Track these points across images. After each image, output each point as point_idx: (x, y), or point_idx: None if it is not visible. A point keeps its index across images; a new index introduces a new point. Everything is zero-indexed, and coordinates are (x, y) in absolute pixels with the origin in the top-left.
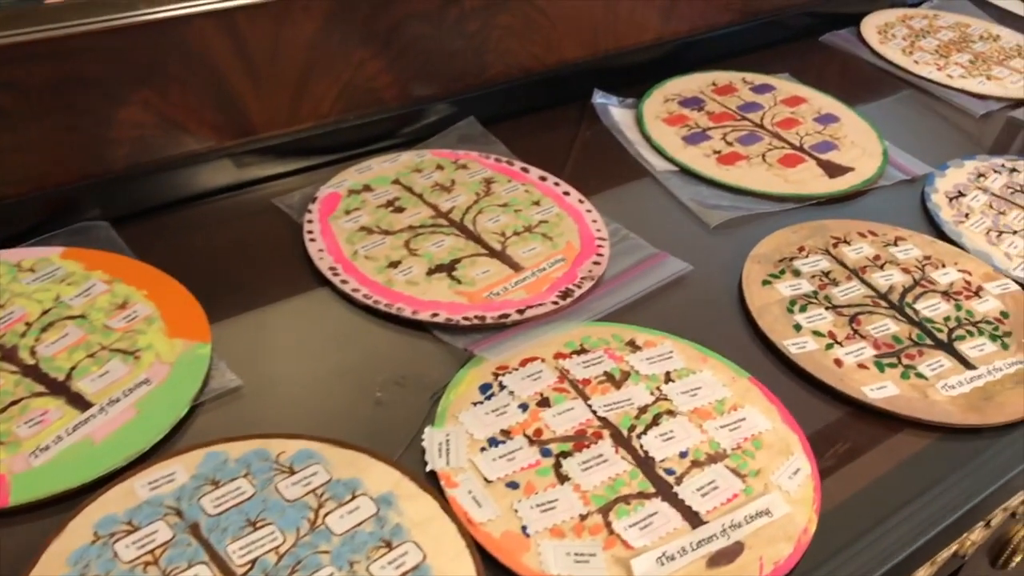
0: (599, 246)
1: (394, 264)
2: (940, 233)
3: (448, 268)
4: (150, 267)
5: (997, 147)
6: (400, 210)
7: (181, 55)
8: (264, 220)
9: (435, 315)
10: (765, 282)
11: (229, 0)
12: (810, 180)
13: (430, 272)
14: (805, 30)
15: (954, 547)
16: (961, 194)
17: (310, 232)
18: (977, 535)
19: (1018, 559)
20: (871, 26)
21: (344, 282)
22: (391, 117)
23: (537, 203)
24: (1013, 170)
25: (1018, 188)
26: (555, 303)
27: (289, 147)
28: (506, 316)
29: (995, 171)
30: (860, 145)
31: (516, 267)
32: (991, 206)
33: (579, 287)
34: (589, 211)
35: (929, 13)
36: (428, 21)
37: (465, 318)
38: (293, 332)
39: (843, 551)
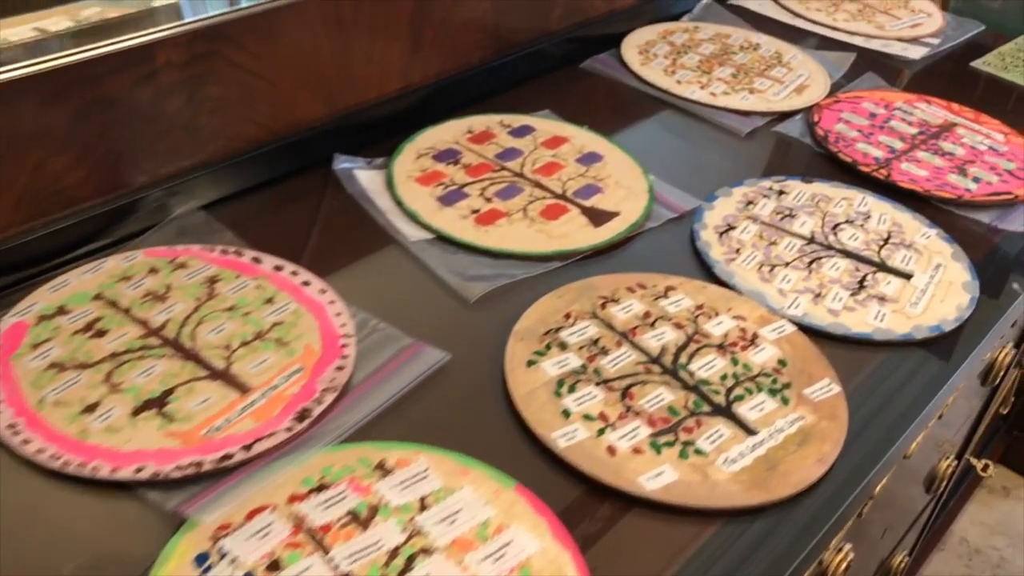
0: (343, 346)
1: (91, 408)
2: (712, 275)
3: (159, 403)
4: None
5: (764, 167)
6: (101, 333)
7: None
8: None
9: (140, 470)
10: (530, 362)
11: None
12: (575, 232)
13: (136, 411)
14: (567, 58)
15: None
16: (731, 227)
17: None
18: None
19: None
20: (632, 46)
21: (26, 442)
22: (92, 217)
23: (270, 301)
24: (781, 192)
25: (787, 212)
26: (290, 429)
27: None
28: (229, 457)
29: (763, 196)
30: (625, 184)
31: (243, 388)
32: (762, 236)
33: (320, 403)
34: (332, 302)
35: (689, 26)
36: (118, 105)
37: (178, 467)
38: None
39: None
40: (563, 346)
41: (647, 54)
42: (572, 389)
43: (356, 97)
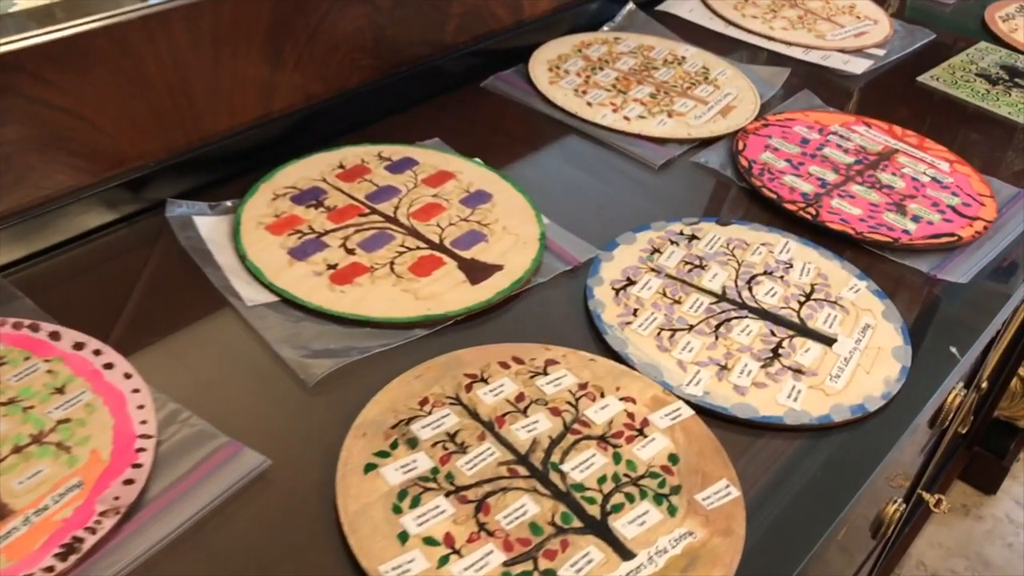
0: (139, 450)
1: None
2: (604, 343)
3: None
4: None
5: (677, 206)
6: None
7: None
8: None
9: None
10: (369, 467)
11: None
12: (447, 291)
13: None
14: (468, 75)
15: None
16: (630, 281)
17: None
18: None
19: None
20: (541, 62)
21: None
22: None
23: (61, 390)
24: (693, 237)
25: (696, 263)
26: (50, 569)
27: None
28: None
29: (672, 241)
30: (514, 230)
31: (2, 512)
32: (665, 293)
33: (94, 531)
34: (137, 390)
35: (609, 37)
36: None
37: None
38: None
39: None
40: (413, 443)
41: (557, 71)
42: (416, 503)
43: (201, 131)
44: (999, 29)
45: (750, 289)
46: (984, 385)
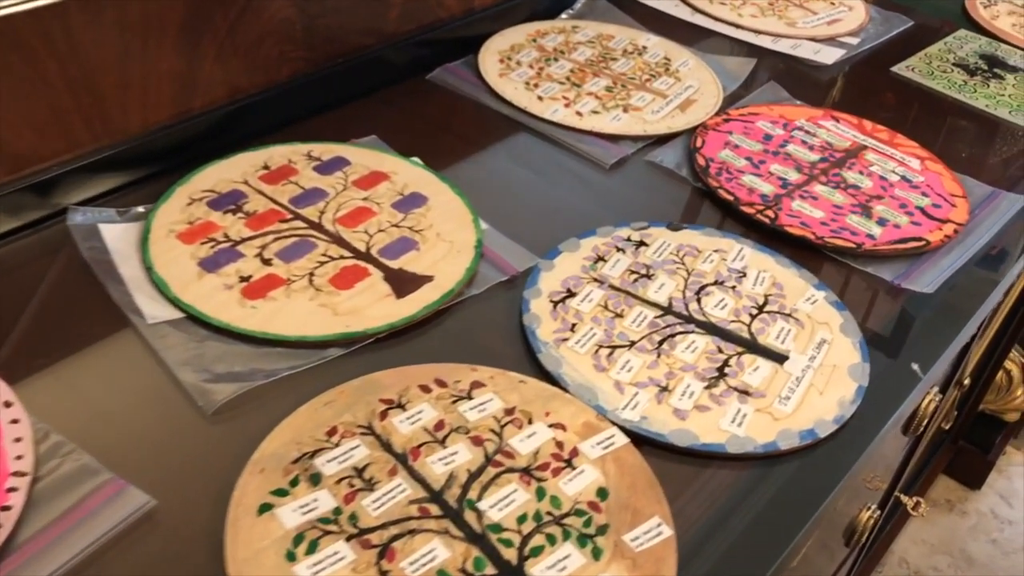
0: (11, 489)
1: None
2: (537, 363)
3: None
4: None
5: (627, 209)
6: None
7: None
8: None
9: None
10: (264, 507)
11: None
12: (368, 306)
13: None
14: (413, 67)
15: None
16: (570, 293)
17: None
18: None
19: None
20: (492, 52)
21: None
22: None
23: None
24: (641, 243)
25: (642, 272)
26: None
27: None
28: None
29: (618, 248)
30: (448, 237)
31: None
32: (607, 306)
33: None
34: (16, 421)
35: (567, 26)
36: None
37: None
38: None
39: None
40: (315, 479)
41: (509, 62)
42: (313, 548)
43: (111, 130)
44: (980, 16)
45: (698, 301)
46: (967, 381)
